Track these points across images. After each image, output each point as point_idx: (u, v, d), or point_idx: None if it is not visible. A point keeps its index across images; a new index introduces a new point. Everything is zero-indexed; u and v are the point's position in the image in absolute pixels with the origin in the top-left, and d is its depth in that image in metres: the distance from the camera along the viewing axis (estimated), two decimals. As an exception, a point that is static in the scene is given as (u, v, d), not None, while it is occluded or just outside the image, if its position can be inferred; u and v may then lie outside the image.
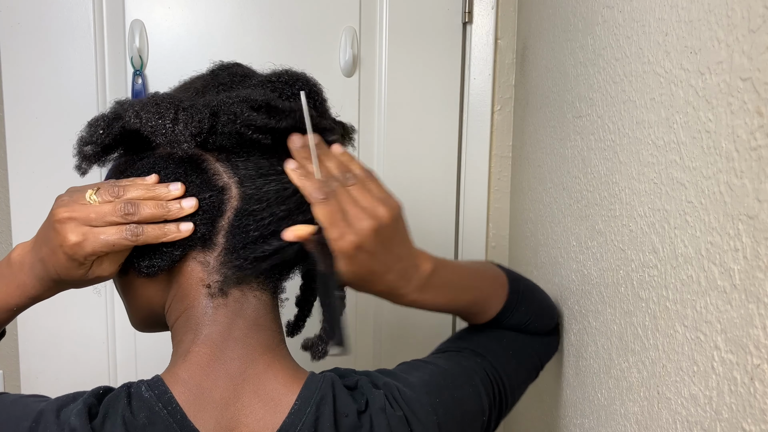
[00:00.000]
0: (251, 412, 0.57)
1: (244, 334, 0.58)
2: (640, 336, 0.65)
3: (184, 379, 0.56)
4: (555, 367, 0.94)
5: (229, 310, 0.58)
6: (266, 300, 0.60)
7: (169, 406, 0.54)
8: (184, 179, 0.57)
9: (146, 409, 0.54)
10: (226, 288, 0.58)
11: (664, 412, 0.60)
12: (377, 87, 1.31)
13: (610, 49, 0.74)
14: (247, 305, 0.59)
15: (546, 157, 1.02)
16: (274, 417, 0.57)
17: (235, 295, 0.58)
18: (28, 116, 1.24)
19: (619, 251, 0.71)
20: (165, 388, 0.55)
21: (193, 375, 0.56)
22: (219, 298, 0.58)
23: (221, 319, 0.58)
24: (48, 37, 1.22)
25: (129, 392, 0.55)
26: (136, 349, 1.32)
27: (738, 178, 0.48)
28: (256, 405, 0.57)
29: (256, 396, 0.57)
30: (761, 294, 0.45)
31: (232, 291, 0.58)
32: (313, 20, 1.27)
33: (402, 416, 0.59)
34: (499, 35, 1.31)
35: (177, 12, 1.24)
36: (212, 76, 0.64)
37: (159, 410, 0.54)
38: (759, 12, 0.45)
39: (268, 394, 0.57)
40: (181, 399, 0.55)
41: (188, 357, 0.57)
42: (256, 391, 0.57)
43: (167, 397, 0.55)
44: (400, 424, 0.59)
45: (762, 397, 0.45)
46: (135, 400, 0.54)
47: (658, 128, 0.61)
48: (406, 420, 0.59)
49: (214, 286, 0.58)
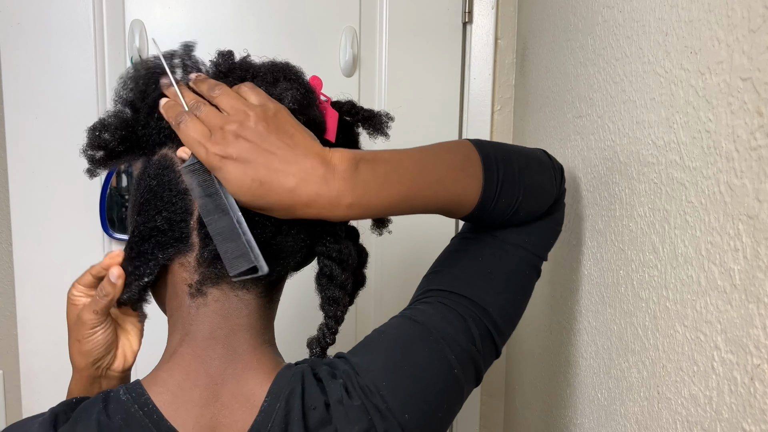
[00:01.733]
0: (230, 413, 0.57)
1: (225, 334, 0.58)
2: (640, 336, 0.65)
3: (163, 379, 0.57)
4: (555, 367, 0.94)
5: (210, 309, 0.58)
6: (250, 299, 0.59)
7: (145, 407, 0.55)
8: (158, 186, 0.58)
9: (122, 411, 0.54)
10: (204, 288, 0.58)
11: (664, 412, 0.60)
12: (377, 87, 1.31)
13: (610, 49, 0.74)
14: (228, 305, 0.58)
15: (546, 157, 1.02)
16: (250, 415, 0.56)
17: (215, 294, 0.58)
18: (28, 116, 1.24)
19: (619, 251, 0.71)
20: (142, 390, 0.56)
21: (173, 375, 0.57)
22: (199, 298, 0.58)
23: (203, 319, 0.58)
24: (48, 37, 1.22)
25: (106, 397, 0.56)
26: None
27: (738, 178, 0.48)
28: (234, 405, 0.57)
29: (233, 396, 0.57)
30: (761, 294, 0.45)
31: (211, 290, 0.58)
32: (313, 20, 1.27)
33: (360, 405, 0.56)
34: (499, 35, 1.31)
35: (177, 12, 1.24)
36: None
37: (134, 411, 0.54)
38: (759, 12, 0.45)
39: (245, 394, 0.57)
40: (159, 399, 0.56)
41: (172, 358, 0.58)
42: (233, 392, 0.57)
43: (144, 399, 0.55)
44: (360, 413, 0.56)
45: (762, 397, 0.45)
46: (112, 403, 0.55)
47: (658, 128, 0.61)
48: (365, 409, 0.56)
49: (194, 286, 0.58)
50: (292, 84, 0.61)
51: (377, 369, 0.58)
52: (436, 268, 0.69)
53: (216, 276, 0.58)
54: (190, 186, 0.56)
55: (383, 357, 0.59)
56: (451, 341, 0.61)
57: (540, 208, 0.69)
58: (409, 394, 0.58)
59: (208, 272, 0.58)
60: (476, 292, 0.64)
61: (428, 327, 0.61)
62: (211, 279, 0.58)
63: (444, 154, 0.63)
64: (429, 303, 0.64)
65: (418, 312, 0.63)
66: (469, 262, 0.67)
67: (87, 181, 0.63)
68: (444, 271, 0.67)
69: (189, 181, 0.56)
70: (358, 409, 0.56)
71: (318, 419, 0.56)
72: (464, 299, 0.63)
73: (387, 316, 0.65)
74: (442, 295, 0.64)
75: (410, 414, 0.57)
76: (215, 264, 0.57)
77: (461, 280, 0.65)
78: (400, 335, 0.61)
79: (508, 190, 0.64)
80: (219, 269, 0.57)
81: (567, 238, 0.89)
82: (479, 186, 0.62)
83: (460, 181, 0.62)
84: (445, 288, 0.65)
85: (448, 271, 0.67)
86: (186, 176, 0.56)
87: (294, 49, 1.26)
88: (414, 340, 0.60)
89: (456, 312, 0.62)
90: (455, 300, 0.63)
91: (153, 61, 0.61)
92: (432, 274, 0.69)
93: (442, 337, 0.61)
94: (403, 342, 0.60)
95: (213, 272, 0.57)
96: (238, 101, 0.55)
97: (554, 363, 0.94)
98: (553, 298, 0.95)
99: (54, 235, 1.25)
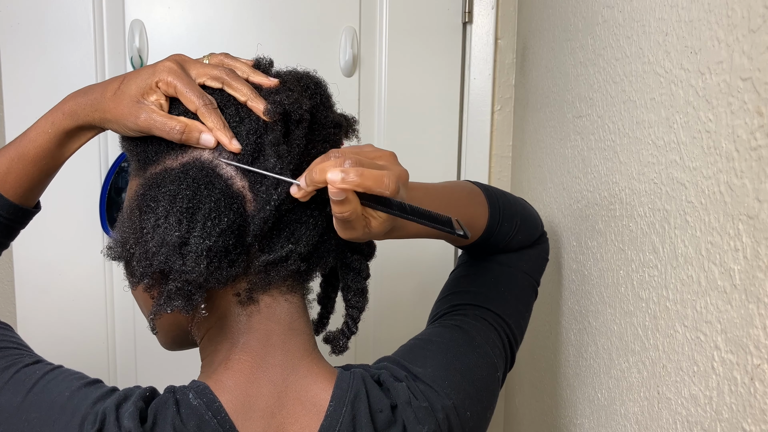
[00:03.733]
0: (295, 420, 0.57)
1: (281, 340, 0.58)
2: (640, 336, 0.65)
3: (229, 386, 0.56)
4: (555, 367, 0.94)
5: (263, 316, 0.58)
6: (297, 302, 0.60)
7: (218, 415, 0.54)
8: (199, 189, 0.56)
9: (196, 417, 0.53)
10: (255, 295, 0.57)
11: (664, 412, 0.60)
12: (377, 87, 1.31)
13: (610, 49, 0.74)
14: (279, 310, 0.58)
15: (546, 157, 1.02)
16: (315, 421, 0.56)
17: (266, 300, 0.58)
18: (28, 116, 1.23)
19: (619, 251, 0.71)
20: (213, 396, 0.55)
21: (238, 383, 0.56)
22: (250, 306, 0.58)
23: (257, 326, 0.58)
24: (48, 37, 1.22)
25: (176, 399, 0.54)
26: (136, 349, 1.31)
27: (738, 178, 0.48)
28: (300, 412, 0.57)
29: (299, 403, 0.57)
30: (761, 294, 0.45)
31: (262, 297, 0.58)
32: (313, 20, 1.27)
33: (427, 407, 0.58)
34: (499, 35, 1.31)
35: (177, 12, 1.24)
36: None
37: (209, 419, 0.53)
38: (759, 12, 0.45)
39: (310, 399, 0.57)
40: (229, 407, 0.55)
41: (229, 364, 0.57)
42: (298, 398, 0.57)
43: (216, 406, 0.54)
44: (426, 415, 0.58)
45: (762, 397, 0.45)
46: (183, 407, 0.53)
47: (658, 128, 0.61)
48: (431, 410, 0.58)
49: (244, 294, 0.57)
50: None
51: (434, 372, 0.61)
52: (451, 290, 0.75)
53: (266, 282, 0.57)
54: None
55: (437, 361, 0.62)
56: (492, 345, 0.67)
57: (532, 235, 0.78)
58: (467, 395, 0.62)
59: (257, 279, 0.57)
60: (498, 305, 0.71)
61: (471, 333, 0.66)
62: (261, 286, 0.57)
63: (452, 185, 0.73)
64: (462, 314, 0.69)
65: (455, 321, 0.68)
66: (485, 281, 0.74)
67: (87, 180, 0.63)
68: (463, 290, 0.74)
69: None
70: (425, 410, 0.58)
71: (385, 421, 0.57)
72: (489, 312, 0.70)
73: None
74: (470, 307, 0.70)
75: (471, 412, 0.61)
76: (267, 270, 0.57)
77: (482, 296, 0.72)
78: (446, 341, 0.65)
79: (508, 217, 0.73)
80: (271, 275, 0.57)
81: (567, 239, 0.89)
82: (486, 212, 0.71)
83: (470, 207, 0.70)
84: (471, 302, 0.71)
85: (467, 290, 0.73)
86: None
87: (294, 49, 1.26)
88: (461, 344, 0.65)
89: (486, 321, 0.69)
90: (482, 312, 0.70)
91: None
92: (450, 295, 0.74)
93: (485, 341, 0.66)
94: (452, 346, 0.64)
95: (263, 279, 0.57)
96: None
97: (554, 363, 0.94)
98: (553, 298, 0.95)
99: (54, 235, 1.24)
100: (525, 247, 0.78)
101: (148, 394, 0.54)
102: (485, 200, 0.72)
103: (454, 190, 0.72)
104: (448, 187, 0.72)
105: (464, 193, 0.72)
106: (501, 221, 0.72)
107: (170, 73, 0.56)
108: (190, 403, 0.54)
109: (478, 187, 0.74)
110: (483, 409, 0.63)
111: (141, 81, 0.57)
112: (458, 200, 0.71)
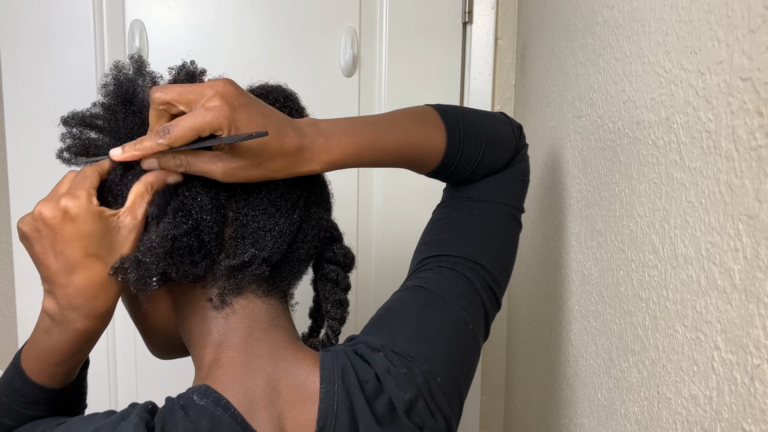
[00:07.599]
0: (292, 406, 0.57)
1: (263, 334, 0.59)
2: (640, 336, 0.65)
3: (227, 383, 0.56)
4: (555, 367, 0.94)
5: (239, 316, 0.58)
6: (275, 304, 0.61)
7: (228, 410, 0.54)
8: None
9: (207, 416, 0.53)
10: (227, 299, 0.58)
11: (664, 413, 0.60)
12: (377, 87, 1.31)
13: (610, 49, 0.74)
14: (257, 310, 0.59)
15: (546, 156, 1.02)
16: (311, 405, 0.57)
17: (241, 303, 0.59)
18: (28, 116, 1.24)
19: (619, 251, 0.71)
20: (218, 394, 0.55)
21: (234, 378, 0.56)
22: (225, 308, 0.58)
23: (236, 325, 0.58)
24: (48, 37, 1.22)
25: (181, 404, 0.54)
26: (136, 349, 1.32)
27: (738, 178, 0.48)
28: (295, 398, 0.57)
29: (293, 389, 0.58)
30: (761, 294, 0.45)
31: (236, 300, 0.58)
32: (313, 20, 1.27)
33: (406, 373, 0.58)
34: (499, 35, 1.31)
35: (177, 12, 1.24)
36: None
37: (220, 415, 0.53)
38: (759, 12, 0.45)
39: (301, 384, 0.58)
40: (234, 402, 0.55)
41: (220, 362, 0.57)
42: (290, 385, 0.58)
43: (224, 402, 0.54)
44: (406, 381, 0.58)
45: (762, 397, 0.45)
46: (191, 410, 0.53)
47: (658, 128, 0.61)
48: (410, 375, 0.58)
49: (216, 299, 0.58)
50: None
51: (404, 341, 0.60)
52: (424, 239, 0.72)
53: (235, 286, 0.58)
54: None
55: (403, 330, 0.61)
56: (459, 298, 0.64)
57: (503, 158, 0.71)
58: (438, 357, 0.61)
59: (227, 284, 0.57)
60: (468, 250, 0.67)
61: (434, 291, 0.64)
62: (231, 290, 0.58)
63: (401, 111, 0.66)
64: (428, 269, 0.66)
65: (419, 280, 0.66)
66: (455, 225, 0.70)
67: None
68: (433, 239, 0.70)
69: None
70: (405, 377, 0.58)
71: (372, 391, 0.57)
72: (459, 258, 0.66)
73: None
74: (438, 259, 0.67)
75: (442, 377, 0.60)
76: (234, 275, 0.57)
77: (452, 242, 0.68)
78: (408, 306, 0.63)
79: (470, 139, 0.67)
80: (238, 279, 0.57)
81: (567, 239, 0.89)
82: (443, 134, 0.66)
83: (422, 129, 0.65)
84: (439, 252, 0.67)
85: (437, 237, 0.70)
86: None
87: (294, 49, 1.26)
88: (424, 306, 0.63)
89: (455, 271, 0.65)
90: (451, 260, 0.66)
91: None
92: (422, 245, 0.71)
93: (450, 297, 0.64)
94: (415, 310, 0.63)
95: (233, 283, 0.57)
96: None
97: (554, 363, 0.94)
98: (553, 298, 0.95)
99: (54, 235, 1.24)
100: (497, 171, 0.72)
101: (150, 407, 0.54)
102: (441, 121, 0.66)
103: (396, 114, 0.65)
104: (392, 112, 0.66)
105: (414, 116, 0.65)
106: (462, 144, 0.66)
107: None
108: (196, 404, 0.54)
109: (435, 108, 0.67)
110: (458, 367, 0.62)
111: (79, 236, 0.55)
112: (406, 121, 0.64)
